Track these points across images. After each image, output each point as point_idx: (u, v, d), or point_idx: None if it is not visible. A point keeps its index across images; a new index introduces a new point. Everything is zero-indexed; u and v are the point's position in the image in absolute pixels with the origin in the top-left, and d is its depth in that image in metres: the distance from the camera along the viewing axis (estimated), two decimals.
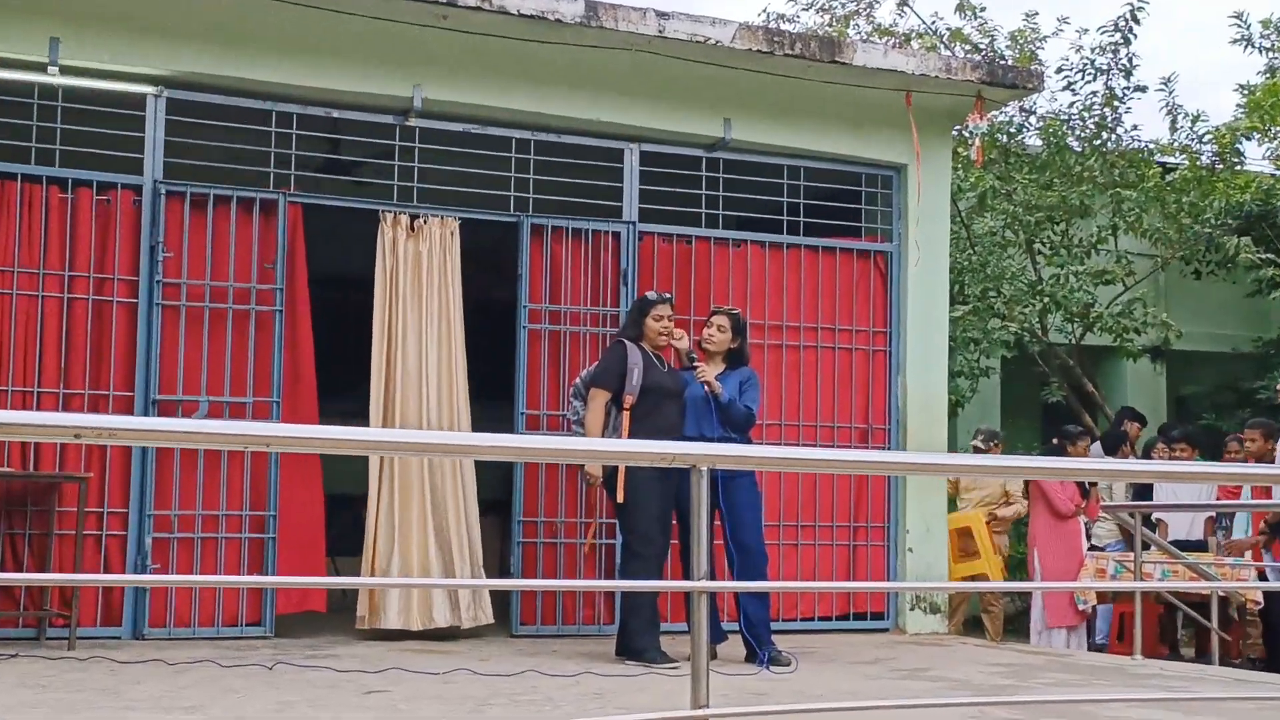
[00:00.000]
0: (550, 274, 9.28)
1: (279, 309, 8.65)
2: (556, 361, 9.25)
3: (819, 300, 9.95)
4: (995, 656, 8.72)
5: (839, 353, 10.00)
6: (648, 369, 8.01)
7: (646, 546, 7.80)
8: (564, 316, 9.31)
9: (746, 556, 7.93)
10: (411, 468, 8.76)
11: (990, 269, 14.32)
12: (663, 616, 8.82)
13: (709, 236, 9.72)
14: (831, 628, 9.73)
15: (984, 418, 16.26)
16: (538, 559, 9.13)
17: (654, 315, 8.13)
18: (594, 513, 9.11)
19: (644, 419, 7.93)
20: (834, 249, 10.04)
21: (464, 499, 8.90)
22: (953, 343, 12.88)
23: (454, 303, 8.98)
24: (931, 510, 10.02)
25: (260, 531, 8.57)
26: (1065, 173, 14.62)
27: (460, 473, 8.90)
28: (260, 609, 8.55)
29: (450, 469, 8.86)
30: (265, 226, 8.72)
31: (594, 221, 9.41)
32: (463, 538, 8.87)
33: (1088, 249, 14.73)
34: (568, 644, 8.71)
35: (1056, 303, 14.02)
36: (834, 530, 9.88)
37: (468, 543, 8.88)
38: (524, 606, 9.09)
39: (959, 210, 14.18)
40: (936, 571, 9.96)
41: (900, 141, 10.01)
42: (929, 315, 10.13)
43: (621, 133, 9.50)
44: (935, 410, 10.09)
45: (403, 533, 8.71)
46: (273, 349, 8.63)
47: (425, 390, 8.84)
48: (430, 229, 8.97)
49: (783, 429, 9.79)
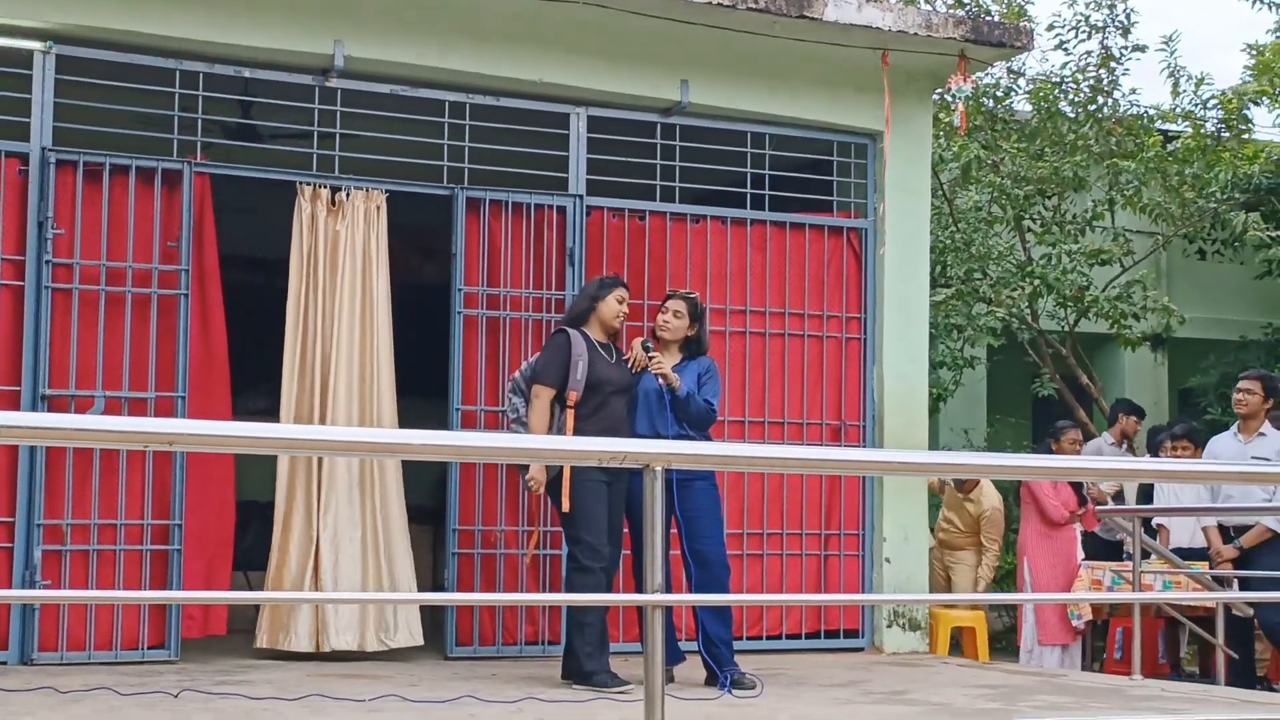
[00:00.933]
0: (488, 253, 9.26)
1: (185, 293, 8.59)
2: (495, 351, 9.23)
3: (786, 282, 9.97)
4: (981, 677, 8.77)
5: (808, 341, 10.02)
6: (594, 361, 8.00)
7: (594, 558, 7.80)
8: (503, 301, 9.29)
9: (706, 568, 7.95)
10: (335, 469, 8.72)
11: (975, 248, 14.39)
12: (613, 636, 8.83)
13: (664, 211, 9.72)
14: (800, 647, 9.76)
15: (968, 413, 16.36)
16: (475, 572, 9.12)
17: (615, 295, 8.13)
18: (536, 520, 9.10)
19: (590, 417, 7.93)
20: (802, 225, 10.06)
21: (389, 505, 8.87)
22: (934, 330, 12.96)
23: (379, 285, 8.95)
24: (911, 516, 10.05)
25: (164, 543, 8.50)
26: (1057, 141, 14.70)
27: (385, 476, 8.87)
28: (164, 630, 8.48)
29: (376, 471, 8.83)
30: (168, 200, 8.65)
31: (537, 195, 9.39)
32: (390, 548, 8.83)
33: (1082, 226, 14.83)
34: (508, 666, 8.69)
35: (1048, 285, 14.10)
36: (803, 539, 9.90)
37: (394, 554, 8.84)
38: (459, 625, 9.07)
39: (940, 183, 14.23)
40: (916, 583, 10.00)
41: (876, 106, 10.03)
42: (908, 299, 10.16)
43: (567, 95, 9.49)
44: (915, 405, 10.13)
45: (318, 542, 8.67)
46: (177, 338, 8.57)
47: (346, 384, 8.80)
48: (353, 203, 8.93)
49: (745, 426, 9.81)
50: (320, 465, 8.74)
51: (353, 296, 8.88)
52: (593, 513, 7.84)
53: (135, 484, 8.50)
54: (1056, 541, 11.08)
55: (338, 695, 7.23)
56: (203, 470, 8.69)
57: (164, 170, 8.64)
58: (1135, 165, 14.37)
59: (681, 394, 7.98)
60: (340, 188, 8.94)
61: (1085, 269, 14.37)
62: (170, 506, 8.53)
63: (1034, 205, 14.81)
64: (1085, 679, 9.13)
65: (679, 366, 8.13)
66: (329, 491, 8.75)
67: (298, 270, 8.83)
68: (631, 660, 8.57)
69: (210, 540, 8.72)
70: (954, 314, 14.10)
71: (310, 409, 8.74)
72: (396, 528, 8.89)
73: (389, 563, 8.83)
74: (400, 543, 8.90)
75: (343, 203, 8.92)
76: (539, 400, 7.94)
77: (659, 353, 8.11)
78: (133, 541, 8.47)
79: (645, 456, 4.37)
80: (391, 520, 8.87)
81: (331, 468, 8.75)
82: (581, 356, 7.96)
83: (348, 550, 8.75)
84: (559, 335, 8.12)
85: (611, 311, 8.13)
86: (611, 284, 8.22)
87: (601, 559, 7.82)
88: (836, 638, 9.91)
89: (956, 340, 14.47)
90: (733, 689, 7.75)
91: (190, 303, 8.62)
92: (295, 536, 8.71)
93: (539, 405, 7.93)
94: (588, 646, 7.81)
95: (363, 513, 8.81)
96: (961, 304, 14.12)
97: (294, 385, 8.78)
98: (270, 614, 8.67)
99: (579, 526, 7.86)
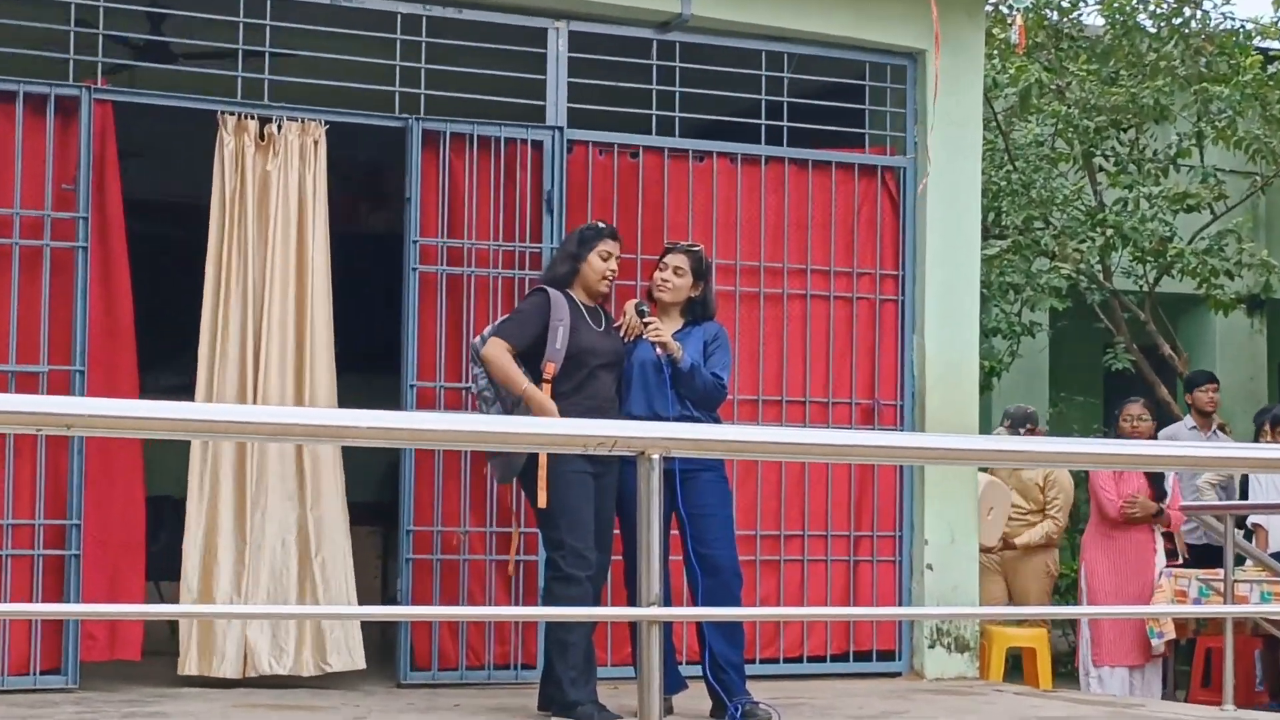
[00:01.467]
0: (449, 198, 9.26)
1: (83, 245, 8.59)
2: (458, 316, 9.23)
3: (808, 233, 9.97)
4: (1041, 708, 8.81)
5: (835, 303, 10.03)
6: (577, 327, 7.99)
7: (579, 565, 7.80)
8: (468, 255, 9.29)
9: (713, 576, 7.97)
10: (267, 459, 8.72)
11: (1036, 191, 14.40)
12: (601, 659, 8.85)
13: (661, 147, 9.72)
14: (826, 671, 9.79)
15: (1027, 390, 16.38)
16: (434, 583, 9.13)
17: (600, 250, 8.12)
18: (511, 520, 9.10)
19: (573, 395, 7.92)
20: (828, 164, 10.06)
21: (326, 501, 8.87)
22: (986, 290, 12.96)
23: (317, 237, 8.95)
24: (958, 515, 10.07)
25: (59, 547, 8.51)
26: (1135, 62, 14.70)
27: (319, 467, 8.87)
28: (59, 653, 8.50)
29: (309, 463, 8.83)
30: (63, 133, 8.64)
31: (508, 127, 9.39)
32: (326, 553, 8.84)
33: (1164, 165, 14.83)
34: (474, 696, 8.73)
35: (1123, 236, 14.12)
36: (829, 542, 9.92)
37: (333, 559, 8.86)
38: (415, 645, 9.08)
39: (994, 113, 14.23)
40: (964, 595, 10.02)
41: (917, 20, 10.03)
42: (955, 253, 10.17)
43: (544, 7, 9.48)
44: (963, 380, 10.15)
45: (239, 546, 8.68)
46: (75, 300, 8.56)
47: (279, 357, 8.80)
48: (286, 137, 8.92)
49: (760, 406, 9.82)
50: (252, 454, 8.75)
51: (286, 250, 8.87)
52: (576, 511, 7.84)
53: (25, 477, 8.51)
54: (1120, 543, 11.00)
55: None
56: (105, 460, 8.69)
57: (58, 98, 8.62)
58: (1229, 91, 14.36)
59: (684, 366, 7.98)
60: (270, 119, 8.93)
61: (1168, 216, 14.38)
62: (67, 504, 8.54)
63: (1107, 140, 14.82)
64: (1166, 709, 9.17)
65: (680, 334, 8.13)
66: (258, 486, 8.76)
67: (219, 218, 8.81)
68: (623, 688, 8.59)
69: (115, 544, 8.73)
70: (1010, 271, 14.11)
71: (235, 387, 8.73)
72: (336, 530, 8.89)
73: (322, 570, 8.83)
74: (339, 546, 8.90)
75: (273, 137, 8.90)
76: (496, 351, 7.85)
77: (656, 317, 8.11)
78: (21, 546, 8.48)
79: (641, 442, 4.39)
80: (327, 520, 8.87)
81: (262, 457, 8.75)
82: (563, 321, 7.94)
83: (279, 557, 8.76)
84: (537, 294, 8.11)
85: (597, 271, 8.12)
86: (594, 236, 8.19)
87: (587, 566, 7.82)
88: (868, 660, 9.94)
89: (1013, 303, 14.48)
90: None
91: (90, 258, 8.61)
92: (224, 540, 8.70)
93: (495, 354, 7.84)
94: (571, 671, 7.82)
95: (300, 511, 8.83)
96: (1019, 259, 14.14)
97: (214, 358, 8.77)
98: (200, 633, 8.64)
99: (560, 528, 7.86)
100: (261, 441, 8.47)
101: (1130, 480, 10.94)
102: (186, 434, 4.29)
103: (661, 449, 4.40)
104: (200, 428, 4.30)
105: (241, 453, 8.75)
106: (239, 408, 7.57)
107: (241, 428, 4.41)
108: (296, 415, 4.85)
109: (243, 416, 4.56)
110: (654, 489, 4.36)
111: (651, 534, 4.39)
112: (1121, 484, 10.95)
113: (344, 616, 8.77)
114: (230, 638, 8.64)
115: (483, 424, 5.29)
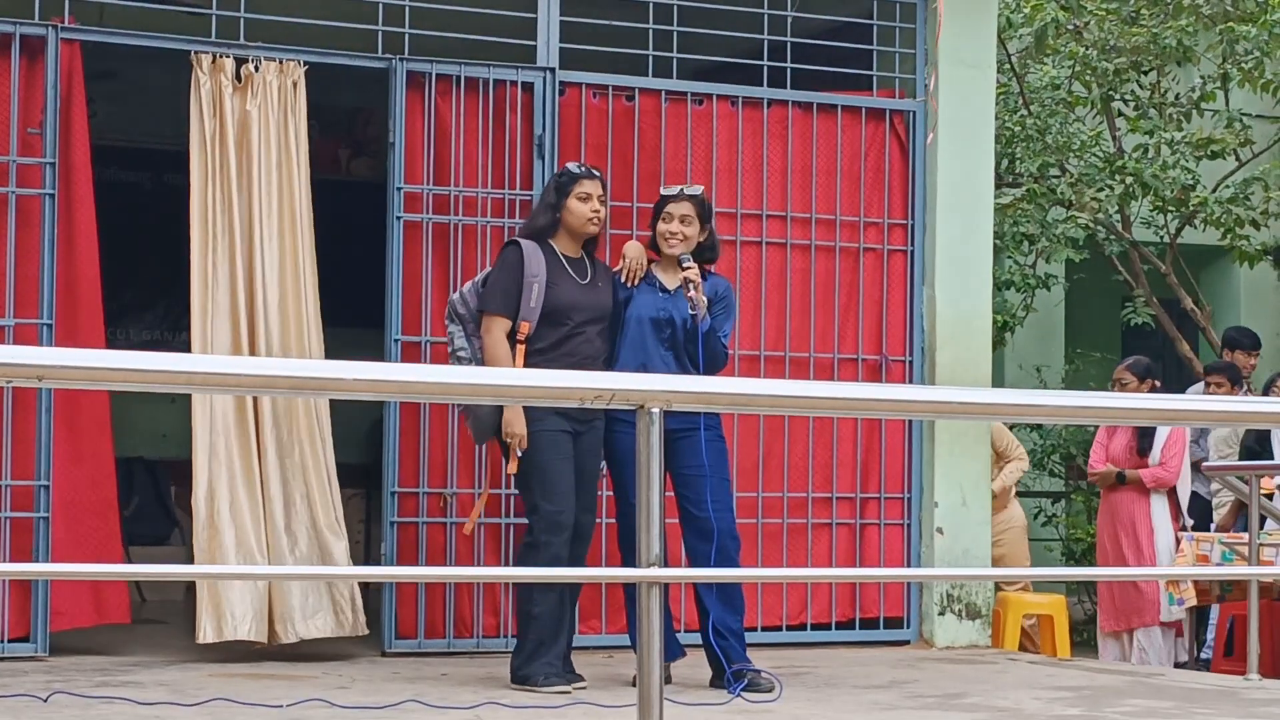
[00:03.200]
0: (435, 143, 9.27)
1: (50, 192, 8.60)
2: (445, 266, 9.26)
3: (813, 179, 10.00)
4: (1057, 677, 8.87)
5: (840, 254, 10.05)
6: (555, 282, 8.00)
7: (552, 530, 7.86)
8: (455, 203, 9.31)
9: (710, 541, 7.98)
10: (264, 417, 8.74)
11: (1051, 137, 14.41)
12: (594, 627, 8.93)
13: (658, 89, 9.73)
14: (831, 639, 9.85)
15: (1041, 346, 16.42)
16: (420, 547, 9.17)
17: (577, 193, 8.13)
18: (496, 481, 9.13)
19: (549, 352, 7.97)
20: (834, 107, 10.07)
21: (323, 459, 8.91)
22: (999, 241, 12.98)
23: (300, 184, 8.96)
24: (969, 475, 10.11)
25: (26, 510, 8.55)
26: (1157, 1, 14.68)
27: (316, 423, 8.90)
28: (29, 619, 8.54)
29: (304, 419, 8.85)
30: (28, 75, 8.65)
31: (497, 68, 9.39)
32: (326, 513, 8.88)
33: (1187, 109, 14.83)
34: (462, 665, 8.78)
35: (1143, 184, 14.13)
36: (834, 504, 9.96)
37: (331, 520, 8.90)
38: (400, 613, 9.13)
39: (1008, 54, 14.24)
40: (976, 558, 10.06)
41: None
42: (966, 202, 10.19)
43: None
44: (975, 335, 10.17)
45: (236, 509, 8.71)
46: (41, 250, 8.59)
47: (279, 308, 8.82)
48: (265, 78, 8.93)
49: (761, 361, 9.85)
50: (256, 412, 8.76)
51: (270, 195, 8.87)
52: (551, 472, 7.88)
53: None
54: (1113, 504, 11.13)
55: (247, 700, 7.30)
56: (70, 417, 8.71)
57: (22, 37, 8.63)
58: (1256, 31, 14.35)
59: (704, 327, 7.99)
60: (247, 59, 8.93)
61: (1191, 163, 14.39)
62: (36, 464, 8.57)
63: (1126, 82, 14.81)
64: (1188, 679, 9.22)
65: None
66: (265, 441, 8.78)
67: (200, 163, 8.80)
68: (618, 656, 8.66)
69: (84, 507, 8.76)
70: (1024, 220, 14.13)
71: (229, 337, 8.74)
72: (331, 486, 8.91)
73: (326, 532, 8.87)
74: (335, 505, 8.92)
75: (250, 77, 8.91)
76: (494, 333, 7.97)
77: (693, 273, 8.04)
78: None
79: (640, 395, 4.40)
80: (327, 478, 8.90)
81: (261, 415, 8.77)
82: (537, 278, 7.96)
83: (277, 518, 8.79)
84: (509, 250, 8.12)
85: (580, 215, 8.11)
86: (569, 180, 8.16)
87: (561, 530, 7.87)
88: (875, 628, 10.01)
89: (1027, 254, 14.49)
90: (745, 690, 7.82)
91: (55, 205, 8.63)
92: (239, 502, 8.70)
93: (495, 339, 7.95)
94: (531, 643, 7.88)
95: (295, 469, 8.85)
96: (1034, 208, 14.14)
97: (206, 307, 8.77)
98: (210, 597, 8.61)
99: (534, 490, 7.91)
100: (243, 394, 8.47)
101: (1119, 439, 11.09)
102: (165, 386, 4.30)
103: (662, 402, 4.42)
104: (180, 380, 4.32)
105: (241, 407, 8.76)
106: (220, 359, 7.58)
107: (222, 379, 4.43)
108: (280, 367, 4.87)
109: (223, 368, 4.58)
110: (654, 444, 4.39)
111: (651, 491, 4.41)
112: (1111, 442, 11.12)
113: (319, 577, 8.80)
114: (236, 600, 8.64)
115: (475, 376, 5.32)
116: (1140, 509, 11.09)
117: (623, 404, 4.46)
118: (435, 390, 5.00)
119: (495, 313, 7.99)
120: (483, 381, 4.90)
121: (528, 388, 4.86)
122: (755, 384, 6.18)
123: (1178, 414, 6.62)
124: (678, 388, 4.61)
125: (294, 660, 8.65)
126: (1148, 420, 9.39)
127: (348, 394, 4.39)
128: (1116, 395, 9.98)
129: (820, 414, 9.07)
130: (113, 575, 8.69)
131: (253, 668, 8.40)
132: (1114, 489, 11.13)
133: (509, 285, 7.99)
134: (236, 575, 8.75)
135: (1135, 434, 11.02)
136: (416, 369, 6.74)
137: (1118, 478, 11.06)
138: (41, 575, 8.40)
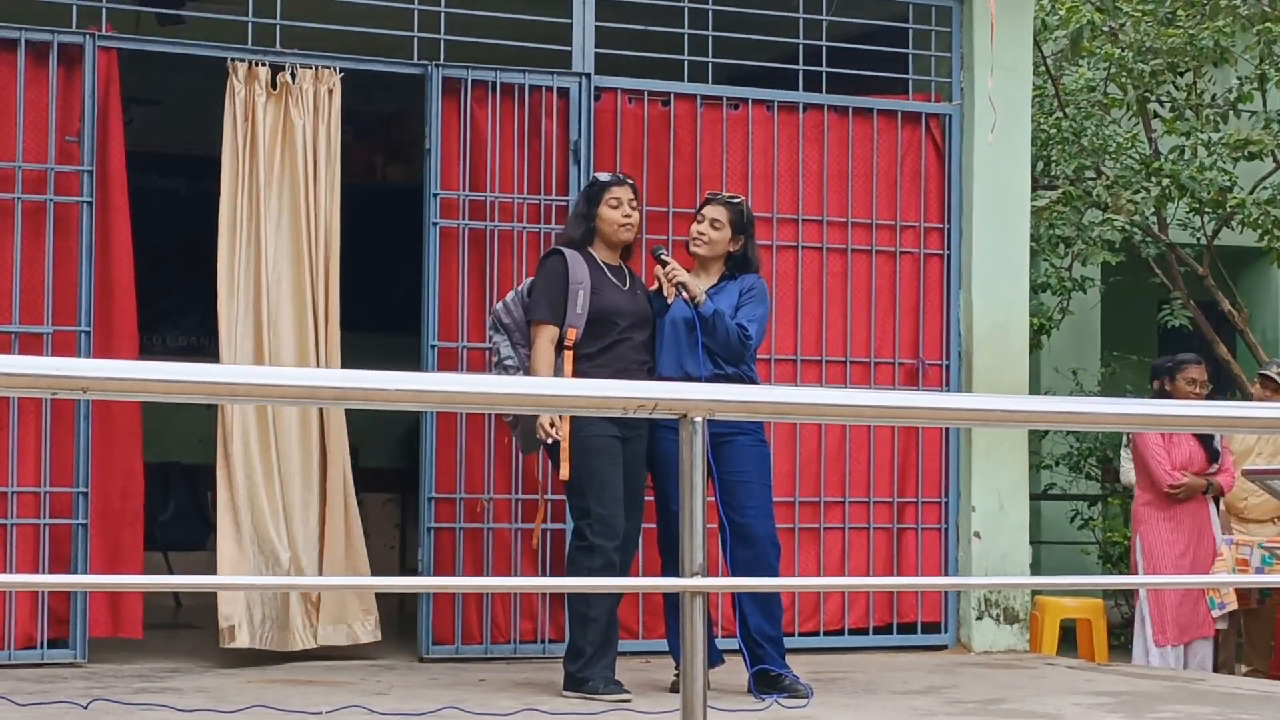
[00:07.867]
0: (471, 149, 9.31)
1: (88, 200, 8.66)
2: (480, 272, 9.29)
3: (849, 184, 10.01)
4: (1097, 682, 8.87)
5: (877, 258, 10.07)
6: (599, 289, 8.05)
7: (606, 535, 7.88)
8: (491, 209, 9.34)
9: (750, 546, 8.03)
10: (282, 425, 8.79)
11: (1088, 139, 14.39)
12: (632, 632, 8.95)
13: (693, 94, 9.76)
14: (867, 644, 9.86)
15: (1077, 349, 16.40)
16: (456, 553, 9.20)
17: (608, 200, 8.17)
18: (538, 487, 9.15)
19: (597, 358, 8.01)
20: (870, 111, 10.09)
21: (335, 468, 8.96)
22: (1035, 244, 12.98)
23: (331, 190, 9.00)
24: (1007, 480, 10.12)
25: (65, 516, 8.60)
26: (1193, 2, 14.66)
27: (328, 431, 8.94)
28: (69, 625, 8.59)
29: (316, 427, 8.90)
30: (66, 83, 8.71)
31: (532, 74, 9.43)
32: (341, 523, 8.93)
33: (1225, 110, 14.80)
34: (499, 671, 8.81)
35: (1180, 186, 14.09)
36: (870, 509, 9.97)
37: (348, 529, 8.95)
38: (437, 618, 9.16)
39: (1044, 56, 14.23)
40: (1014, 564, 10.08)
41: None
42: (1003, 205, 10.20)
43: None
44: (1012, 339, 10.19)
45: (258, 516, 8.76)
46: (79, 258, 8.64)
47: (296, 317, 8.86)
48: (300, 86, 8.97)
49: (798, 366, 9.87)
50: (272, 419, 8.82)
51: (296, 204, 8.91)
52: (604, 477, 7.92)
53: (29, 443, 8.59)
54: (1176, 512, 10.84)
55: (287, 707, 7.34)
56: (104, 425, 8.76)
57: (60, 45, 8.68)
58: None
59: (705, 311, 8.01)
60: (283, 66, 8.98)
61: (1228, 165, 14.36)
62: (75, 471, 8.62)
63: (1163, 84, 14.77)
64: (1229, 683, 9.22)
65: (715, 289, 8.16)
66: (291, 450, 8.84)
67: (232, 170, 8.85)
68: (655, 662, 8.68)
69: (114, 514, 8.81)
70: (1060, 223, 14.11)
71: (251, 345, 8.79)
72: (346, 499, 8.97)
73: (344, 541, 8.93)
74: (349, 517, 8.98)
75: (286, 85, 8.96)
76: (539, 341, 8.01)
77: (674, 260, 8.11)
78: (26, 514, 8.57)
79: (684, 404, 4.42)
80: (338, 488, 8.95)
81: (278, 422, 8.82)
82: (582, 285, 8.00)
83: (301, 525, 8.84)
84: (552, 258, 8.16)
85: (612, 222, 8.15)
86: (600, 189, 8.21)
87: (614, 535, 7.90)
88: (913, 633, 10.02)
89: (1063, 256, 14.48)
90: (782, 696, 7.84)
91: (94, 214, 8.68)
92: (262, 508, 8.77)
93: (540, 348, 7.99)
94: (589, 646, 7.90)
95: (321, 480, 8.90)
96: (1070, 210, 14.13)
97: (232, 315, 8.83)
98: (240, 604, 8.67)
99: (587, 495, 7.93)
100: (287, 405, 8.51)
101: (1181, 445, 10.80)
102: (208, 397, 4.33)
103: (705, 411, 4.43)
104: (223, 391, 4.37)
105: (262, 415, 8.81)
106: (264, 370, 7.58)
107: (266, 390, 4.47)
108: (324, 378, 4.92)
109: (268, 379, 4.60)
110: (697, 453, 4.41)
111: (695, 500, 4.43)
112: (1173, 449, 10.79)
113: (360, 587, 8.84)
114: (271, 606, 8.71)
115: (517, 386, 5.34)
116: (1204, 517, 10.86)
117: (666, 414, 4.48)
118: (478, 400, 5.02)
119: (543, 320, 8.03)
120: (525, 392, 4.92)
121: (570, 398, 4.89)
122: (797, 392, 6.23)
123: (1225, 421, 6.59)
124: (721, 397, 4.63)
125: (331, 664, 8.69)
126: (1190, 427, 9.29)
127: (391, 404, 4.41)
128: (1162, 403, 9.78)
129: (862, 422, 9.09)
130: (124, 586, 8.74)
131: (290, 671, 8.44)
132: (1179, 499, 10.79)
133: (555, 293, 8.02)
134: (262, 586, 8.80)
135: (1200, 442, 10.80)
136: (459, 379, 6.78)
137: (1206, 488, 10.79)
138: (51, 587, 8.43)
